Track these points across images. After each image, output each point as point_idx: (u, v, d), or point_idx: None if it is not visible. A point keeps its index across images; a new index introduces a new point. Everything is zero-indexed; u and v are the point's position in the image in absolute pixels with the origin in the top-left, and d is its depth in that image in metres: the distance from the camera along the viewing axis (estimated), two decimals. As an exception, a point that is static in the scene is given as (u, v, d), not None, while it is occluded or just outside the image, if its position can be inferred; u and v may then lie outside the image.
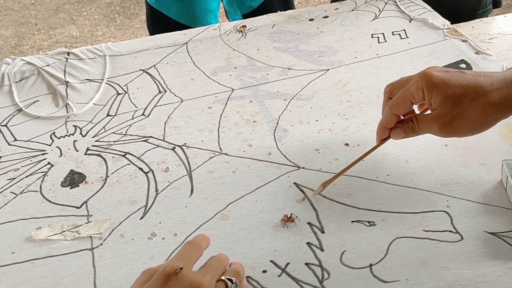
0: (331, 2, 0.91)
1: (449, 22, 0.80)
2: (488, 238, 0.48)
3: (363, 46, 0.78)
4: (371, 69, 0.73)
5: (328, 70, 0.73)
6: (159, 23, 1.12)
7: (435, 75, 0.47)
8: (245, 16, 1.13)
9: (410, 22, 0.82)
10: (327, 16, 0.85)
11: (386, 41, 0.78)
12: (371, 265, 0.46)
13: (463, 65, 0.71)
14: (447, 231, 0.49)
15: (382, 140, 0.54)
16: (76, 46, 2.18)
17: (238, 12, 1.14)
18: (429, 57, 0.74)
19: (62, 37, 2.26)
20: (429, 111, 0.52)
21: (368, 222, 0.51)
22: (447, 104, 0.47)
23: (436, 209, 0.51)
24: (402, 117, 0.54)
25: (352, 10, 0.86)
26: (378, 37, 0.79)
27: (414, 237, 0.49)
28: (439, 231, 0.49)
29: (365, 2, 0.88)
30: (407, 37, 0.79)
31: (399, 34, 0.79)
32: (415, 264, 0.46)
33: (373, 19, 0.84)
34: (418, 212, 0.51)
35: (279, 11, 0.88)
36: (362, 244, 0.48)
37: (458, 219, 0.50)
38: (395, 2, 0.87)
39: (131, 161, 0.60)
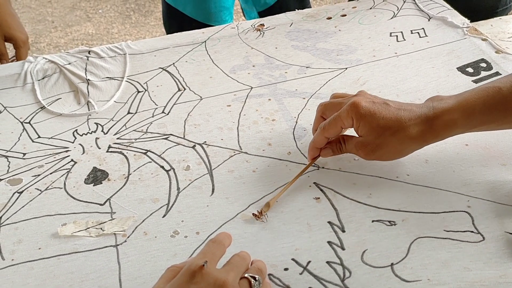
0: (348, 1, 0.91)
1: (469, 21, 0.80)
2: (510, 239, 0.48)
3: (381, 45, 0.77)
4: (390, 67, 0.73)
5: (346, 68, 0.73)
6: (175, 20, 1.13)
7: (363, 106, 0.52)
8: (261, 14, 1.13)
9: (429, 20, 0.82)
10: (345, 15, 0.85)
11: (404, 39, 0.78)
12: (392, 264, 0.47)
13: (483, 64, 0.71)
14: (469, 231, 0.49)
15: (313, 159, 0.57)
16: (92, 43, 2.21)
17: (253, 9, 1.15)
18: (448, 56, 0.73)
19: (78, 34, 2.28)
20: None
21: (389, 221, 0.51)
22: (372, 134, 0.52)
23: (457, 209, 0.51)
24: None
25: (370, 8, 0.86)
26: (397, 36, 0.79)
27: (435, 237, 0.49)
28: (461, 232, 0.49)
29: (383, 0, 0.88)
30: (426, 36, 0.78)
31: (418, 33, 0.79)
32: (436, 264, 0.46)
33: (391, 18, 0.83)
34: (439, 212, 0.51)
35: (295, 9, 0.88)
36: (383, 244, 0.49)
37: (479, 219, 0.50)
38: (414, 0, 0.87)
39: (152, 159, 0.61)
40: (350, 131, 0.56)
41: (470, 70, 0.70)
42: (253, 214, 0.52)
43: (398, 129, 0.51)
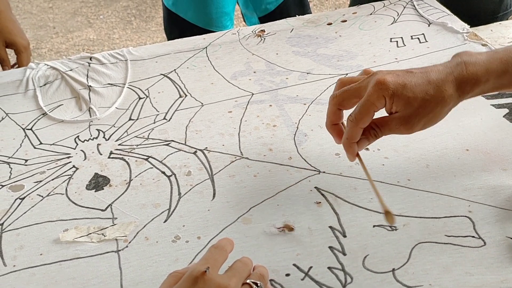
0: (349, 6, 0.92)
1: (468, 26, 0.80)
2: (511, 244, 0.48)
3: (381, 50, 0.78)
4: (390, 73, 0.73)
5: (347, 74, 0.74)
6: (176, 25, 1.13)
7: (391, 81, 0.49)
8: (261, 19, 1.14)
9: (429, 26, 0.82)
10: (346, 20, 0.86)
11: (405, 45, 0.78)
12: (393, 269, 0.47)
13: (483, 69, 0.71)
14: (470, 236, 0.49)
15: (357, 155, 0.52)
16: (93, 49, 2.21)
17: (254, 14, 1.15)
18: (448, 61, 0.74)
19: (80, 40, 2.29)
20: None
21: (390, 227, 0.51)
22: (411, 106, 0.49)
23: (458, 214, 0.51)
24: None
25: (371, 14, 0.87)
26: (397, 41, 0.79)
27: (436, 242, 0.49)
28: (462, 237, 0.49)
29: (384, 6, 0.88)
30: (426, 41, 0.79)
31: (418, 38, 0.79)
32: (438, 269, 0.46)
33: (391, 23, 0.84)
34: (440, 217, 0.51)
35: (296, 15, 0.88)
36: (384, 249, 0.49)
37: (480, 224, 0.50)
38: (414, 5, 0.87)
39: (153, 165, 0.61)
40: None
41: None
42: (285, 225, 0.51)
43: (434, 92, 0.48)
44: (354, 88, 0.51)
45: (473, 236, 0.49)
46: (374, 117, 0.51)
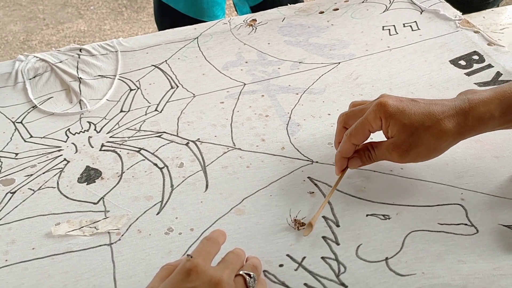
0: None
1: (461, 13, 0.80)
2: (504, 231, 0.48)
3: (374, 39, 0.77)
4: (383, 62, 0.73)
5: (339, 63, 0.73)
6: (167, 16, 1.12)
7: (390, 104, 0.49)
8: (253, 8, 1.13)
9: (421, 13, 0.82)
10: (337, 9, 0.85)
11: (397, 33, 0.78)
12: (387, 258, 0.47)
13: (476, 57, 0.71)
14: (462, 224, 0.49)
15: (342, 171, 0.54)
16: (84, 41, 2.19)
17: (246, 4, 1.14)
18: (441, 49, 0.73)
19: (70, 31, 2.26)
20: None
21: (383, 215, 0.51)
22: (404, 133, 0.49)
23: (450, 202, 0.52)
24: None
25: (362, 2, 0.86)
26: (389, 30, 0.79)
27: (429, 231, 0.49)
28: (454, 224, 0.49)
29: (376, -6, 0.87)
30: (419, 29, 0.78)
31: (410, 26, 0.79)
32: (430, 257, 0.46)
33: (383, 11, 0.83)
34: (433, 205, 0.51)
35: (288, 4, 0.88)
36: (377, 238, 0.49)
37: (473, 212, 0.50)
38: (406, -7, 0.86)
39: (145, 157, 0.60)
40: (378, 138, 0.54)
41: (462, 63, 0.70)
42: (294, 220, 0.51)
43: (432, 123, 0.48)
44: (360, 108, 0.53)
45: (466, 224, 0.49)
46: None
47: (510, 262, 0.45)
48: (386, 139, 0.52)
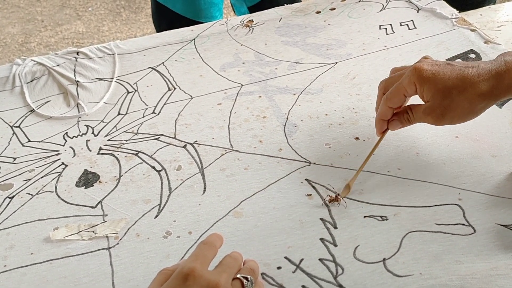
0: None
1: (457, 11, 0.80)
2: (501, 231, 0.48)
3: (371, 38, 0.77)
4: (380, 61, 0.73)
5: (336, 63, 0.73)
6: (164, 17, 1.12)
7: (425, 69, 0.50)
8: (251, 9, 1.13)
9: (418, 12, 0.82)
10: (334, 8, 0.85)
11: (394, 32, 0.78)
12: (384, 259, 0.47)
13: (473, 55, 0.71)
14: (460, 224, 0.49)
15: (382, 133, 0.56)
16: (82, 42, 2.19)
17: (243, 4, 1.14)
18: (437, 48, 0.73)
19: (69, 33, 2.26)
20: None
21: (380, 217, 0.51)
22: (438, 97, 0.49)
23: (448, 202, 0.52)
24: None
25: (359, 1, 0.86)
26: (386, 29, 0.79)
27: (426, 231, 0.49)
28: (452, 225, 0.49)
29: (372, -7, 0.87)
30: (415, 28, 0.78)
31: (407, 25, 0.79)
32: (428, 258, 0.46)
33: (380, 10, 0.83)
34: (430, 206, 0.51)
35: (285, 4, 0.87)
36: (375, 239, 0.49)
37: (470, 212, 0.50)
38: (403, -8, 0.86)
39: (143, 160, 0.61)
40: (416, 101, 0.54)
41: (459, 61, 0.70)
42: (330, 197, 0.52)
43: (466, 86, 0.48)
44: (399, 74, 0.53)
45: (463, 224, 0.49)
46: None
47: (508, 262, 0.45)
48: (423, 103, 0.52)
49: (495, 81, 0.48)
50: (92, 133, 0.65)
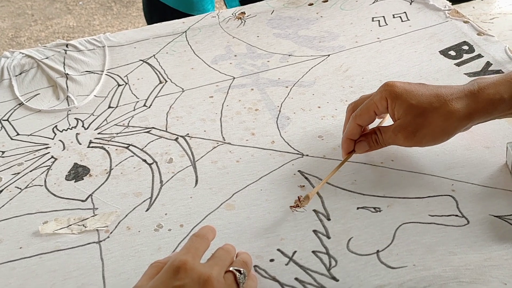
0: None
1: (450, 3, 0.80)
2: (494, 222, 0.48)
3: (363, 30, 0.77)
4: (373, 53, 0.72)
5: (329, 55, 0.73)
6: (156, 11, 1.11)
7: (398, 85, 0.49)
8: (243, 1, 1.12)
9: (410, 4, 0.81)
10: (327, 0, 0.84)
11: (386, 24, 0.78)
12: (378, 251, 0.47)
13: (466, 47, 0.71)
14: (453, 215, 0.49)
15: (348, 154, 0.54)
16: (73, 36, 2.17)
17: (235, -2, 1.13)
18: (430, 40, 0.73)
19: (59, 27, 2.24)
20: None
21: (374, 208, 0.51)
22: (411, 113, 0.48)
23: (441, 194, 0.51)
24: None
25: (352, -7, 0.85)
26: (379, 21, 0.78)
27: (420, 222, 0.49)
28: (445, 216, 0.49)
29: (365, -15, 0.87)
30: (408, 20, 0.78)
31: (400, 17, 0.79)
32: (421, 249, 0.46)
33: (373, 2, 0.83)
34: (424, 197, 0.51)
35: (278, -4, 0.87)
36: (368, 231, 0.48)
37: (463, 203, 0.50)
38: (395, -16, 0.86)
39: (134, 153, 0.60)
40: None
41: (452, 53, 0.70)
42: (290, 206, 0.50)
43: (440, 104, 0.47)
44: (368, 95, 0.53)
45: (457, 215, 0.49)
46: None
47: (501, 253, 0.45)
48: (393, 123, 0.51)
49: (469, 100, 0.48)
50: (82, 126, 0.64)
